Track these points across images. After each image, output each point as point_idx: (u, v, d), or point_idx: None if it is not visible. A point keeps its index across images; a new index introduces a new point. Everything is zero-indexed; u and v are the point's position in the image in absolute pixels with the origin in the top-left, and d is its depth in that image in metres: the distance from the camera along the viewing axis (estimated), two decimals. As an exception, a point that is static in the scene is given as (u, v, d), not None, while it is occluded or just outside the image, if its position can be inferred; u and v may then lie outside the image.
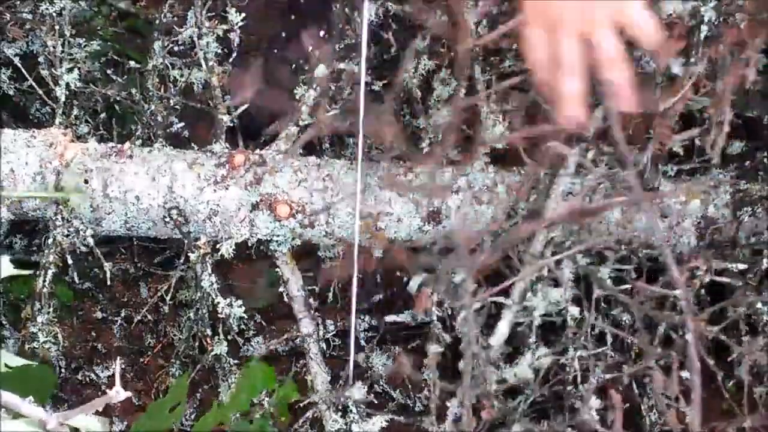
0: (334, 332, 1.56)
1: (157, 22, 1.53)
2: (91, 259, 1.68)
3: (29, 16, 1.61)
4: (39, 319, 1.45)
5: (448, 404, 1.31)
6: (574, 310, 1.30)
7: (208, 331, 1.37)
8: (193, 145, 1.46)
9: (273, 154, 1.39)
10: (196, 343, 1.44)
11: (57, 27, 1.50)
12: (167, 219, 1.36)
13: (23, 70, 1.61)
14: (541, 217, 1.30)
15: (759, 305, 1.26)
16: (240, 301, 1.37)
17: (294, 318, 1.45)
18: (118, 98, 1.61)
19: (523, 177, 1.36)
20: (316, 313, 1.43)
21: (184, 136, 1.59)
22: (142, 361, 1.69)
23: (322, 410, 1.38)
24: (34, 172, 1.37)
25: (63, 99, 1.47)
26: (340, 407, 1.37)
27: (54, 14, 1.50)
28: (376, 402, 1.49)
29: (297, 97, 1.43)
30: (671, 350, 1.28)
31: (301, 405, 1.40)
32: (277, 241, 1.39)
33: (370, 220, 1.36)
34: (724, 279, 1.29)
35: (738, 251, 1.35)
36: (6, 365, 1.08)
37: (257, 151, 1.40)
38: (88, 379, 1.66)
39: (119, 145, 1.39)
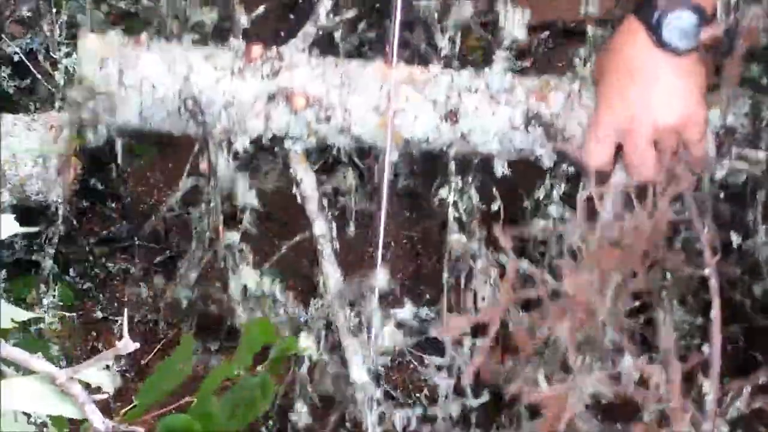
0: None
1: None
2: (92, 259, 1.70)
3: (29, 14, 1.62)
4: (45, 301, 1.44)
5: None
6: None
7: (221, 219, 1.36)
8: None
9: (290, 51, 1.39)
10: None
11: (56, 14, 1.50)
12: (182, 109, 1.35)
13: (25, 59, 1.61)
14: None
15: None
16: (254, 190, 1.37)
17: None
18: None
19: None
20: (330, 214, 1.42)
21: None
22: (141, 362, 1.68)
23: (335, 310, 1.37)
24: (35, 156, 1.37)
25: (62, 83, 1.46)
26: (355, 304, 1.36)
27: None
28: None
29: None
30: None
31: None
32: (292, 138, 1.38)
33: (387, 117, 1.35)
34: (743, 166, 1.28)
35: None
36: (12, 320, 1.06)
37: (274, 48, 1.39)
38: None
39: (136, 36, 1.38)
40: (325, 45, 1.44)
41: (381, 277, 1.28)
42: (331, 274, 1.39)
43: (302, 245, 1.49)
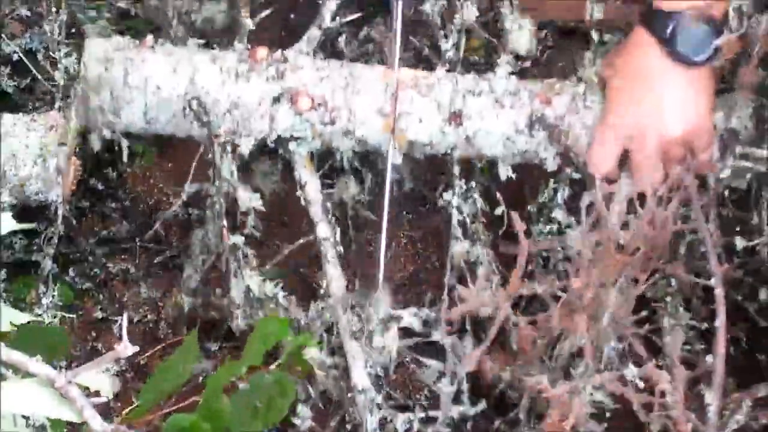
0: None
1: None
2: (92, 259, 1.70)
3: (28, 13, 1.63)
4: (44, 301, 1.45)
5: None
6: None
7: (225, 223, 1.36)
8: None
9: (295, 54, 1.39)
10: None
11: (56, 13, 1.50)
12: (187, 111, 1.35)
13: (24, 59, 1.61)
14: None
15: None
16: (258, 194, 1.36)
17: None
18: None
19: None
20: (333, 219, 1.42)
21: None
22: (141, 362, 1.68)
23: (339, 315, 1.36)
24: (35, 156, 1.37)
25: (62, 83, 1.47)
26: (358, 311, 1.35)
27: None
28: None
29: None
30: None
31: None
32: (296, 140, 1.38)
33: (391, 120, 1.35)
34: (747, 164, 1.28)
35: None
36: (11, 323, 1.06)
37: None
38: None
39: (142, 38, 1.39)
40: (328, 51, 1.45)
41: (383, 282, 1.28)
42: (334, 277, 1.39)
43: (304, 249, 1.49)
